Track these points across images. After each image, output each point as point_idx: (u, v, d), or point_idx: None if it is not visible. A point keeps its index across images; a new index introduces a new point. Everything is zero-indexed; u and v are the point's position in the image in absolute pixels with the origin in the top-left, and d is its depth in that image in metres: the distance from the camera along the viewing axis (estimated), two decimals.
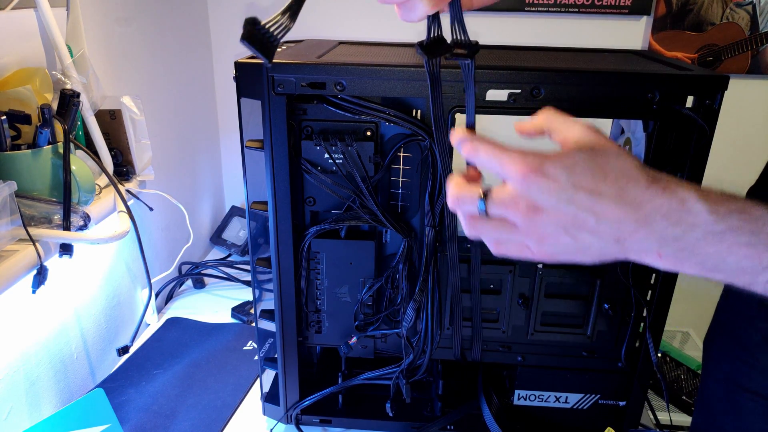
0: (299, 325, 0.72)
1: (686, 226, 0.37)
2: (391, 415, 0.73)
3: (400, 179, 0.65)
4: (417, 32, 1.48)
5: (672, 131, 0.60)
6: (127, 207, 0.82)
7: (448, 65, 0.60)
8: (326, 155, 0.63)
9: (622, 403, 0.74)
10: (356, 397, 0.77)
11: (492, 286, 0.69)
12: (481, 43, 0.88)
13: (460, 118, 0.61)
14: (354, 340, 0.72)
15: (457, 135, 0.42)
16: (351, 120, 0.62)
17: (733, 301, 0.63)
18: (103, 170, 0.80)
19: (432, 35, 0.46)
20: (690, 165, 0.60)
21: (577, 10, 1.25)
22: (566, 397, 0.74)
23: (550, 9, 1.25)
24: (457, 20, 0.46)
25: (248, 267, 0.99)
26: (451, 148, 0.62)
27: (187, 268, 1.22)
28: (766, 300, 0.48)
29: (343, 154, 0.62)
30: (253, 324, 1.02)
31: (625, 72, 0.60)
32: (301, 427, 0.77)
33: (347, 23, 1.32)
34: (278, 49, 0.70)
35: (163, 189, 0.99)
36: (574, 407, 0.75)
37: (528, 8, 1.26)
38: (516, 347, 0.72)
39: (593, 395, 0.74)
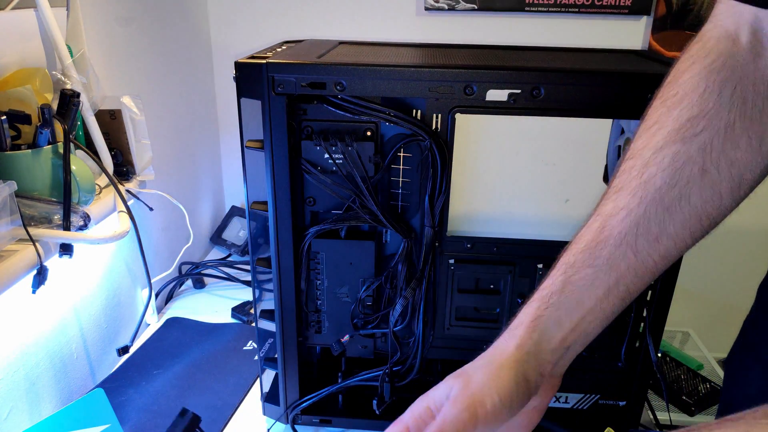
0: (299, 325, 0.72)
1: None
2: (378, 413, 0.73)
3: (400, 179, 0.65)
4: (417, 32, 1.48)
5: None
6: (127, 207, 0.82)
7: (449, 65, 0.60)
8: (326, 155, 0.63)
9: (622, 403, 0.74)
10: (356, 397, 0.77)
11: (492, 286, 0.69)
12: (481, 43, 0.88)
13: (461, 118, 0.61)
14: (347, 338, 0.72)
15: None
16: (351, 120, 0.62)
17: (765, 323, 0.59)
18: (103, 170, 0.80)
19: None
20: None
21: (577, 10, 1.25)
22: (566, 397, 0.74)
23: (550, 9, 1.25)
24: None
25: (248, 267, 0.99)
26: (451, 150, 0.62)
27: (187, 268, 1.22)
28: None
29: (343, 154, 0.62)
30: (253, 324, 1.02)
31: (625, 72, 0.60)
32: (302, 427, 0.77)
33: (347, 23, 1.32)
34: (278, 50, 0.70)
35: (163, 189, 0.99)
36: (574, 407, 0.75)
37: (528, 8, 1.26)
38: None
39: (593, 395, 0.74)
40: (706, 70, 0.40)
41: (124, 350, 0.91)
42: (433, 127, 0.62)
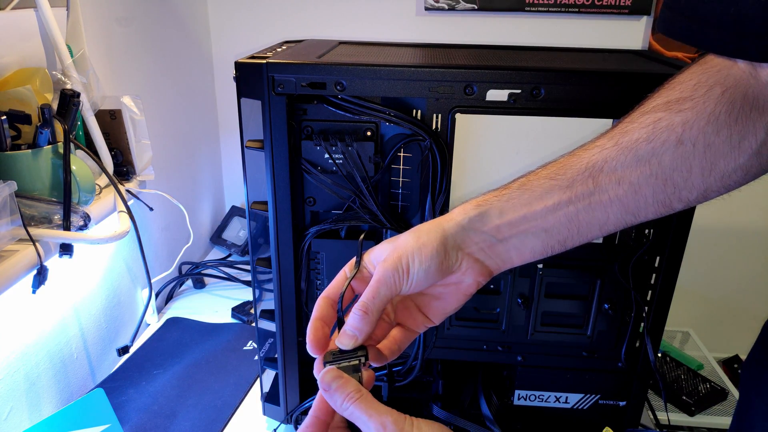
0: (299, 325, 0.72)
1: None
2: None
3: (400, 179, 0.65)
4: (417, 32, 1.48)
5: None
6: (127, 207, 0.82)
7: (449, 65, 0.60)
8: (326, 155, 0.63)
9: (622, 403, 0.74)
10: None
11: (492, 286, 0.69)
12: (481, 43, 0.88)
13: (461, 118, 0.61)
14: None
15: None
16: (351, 120, 0.62)
17: None
18: (103, 170, 0.80)
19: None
20: None
21: (577, 10, 1.25)
22: (566, 397, 0.74)
23: (550, 9, 1.25)
24: None
25: (248, 267, 0.99)
26: (451, 150, 0.62)
27: (187, 268, 1.22)
28: None
29: (343, 154, 0.62)
30: (253, 324, 1.02)
31: (625, 72, 0.60)
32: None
33: (347, 23, 1.32)
34: (278, 50, 0.70)
35: (163, 189, 0.99)
36: (574, 407, 0.75)
37: (528, 8, 1.26)
38: (516, 347, 0.72)
39: (593, 395, 0.74)
40: (701, 69, 0.42)
41: (124, 350, 0.91)
42: (433, 127, 0.62)
